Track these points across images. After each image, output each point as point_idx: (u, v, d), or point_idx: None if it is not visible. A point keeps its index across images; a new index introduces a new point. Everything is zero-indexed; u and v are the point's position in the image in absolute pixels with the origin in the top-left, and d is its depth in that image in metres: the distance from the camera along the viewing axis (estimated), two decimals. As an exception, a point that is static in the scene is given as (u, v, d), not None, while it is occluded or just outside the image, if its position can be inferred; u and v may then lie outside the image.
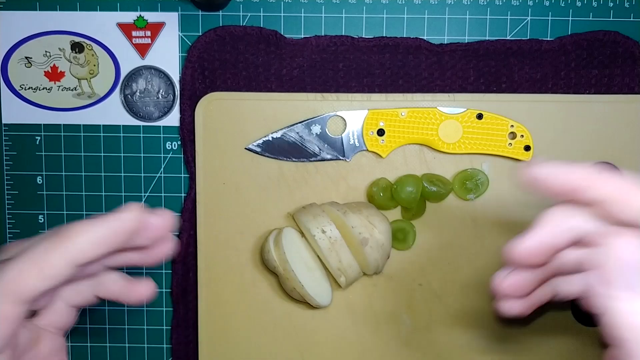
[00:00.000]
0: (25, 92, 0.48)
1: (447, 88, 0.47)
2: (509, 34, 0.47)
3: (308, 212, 0.44)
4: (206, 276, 0.47)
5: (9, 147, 0.48)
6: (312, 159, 0.46)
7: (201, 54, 0.46)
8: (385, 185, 0.46)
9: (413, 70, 0.47)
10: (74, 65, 0.47)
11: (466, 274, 0.47)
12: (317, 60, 0.47)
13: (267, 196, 0.47)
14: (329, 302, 0.45)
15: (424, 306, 0.47)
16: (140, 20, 0.47)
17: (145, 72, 0.47)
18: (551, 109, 0.46)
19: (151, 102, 0.48)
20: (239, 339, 0.47)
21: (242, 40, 0.46)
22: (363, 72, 0.47)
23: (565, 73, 0.47)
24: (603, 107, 0.46)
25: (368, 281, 0.47)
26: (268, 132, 0.46)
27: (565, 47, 0.46)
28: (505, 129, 0.46)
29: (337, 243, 0.43)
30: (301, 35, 0.47)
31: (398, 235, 0.46)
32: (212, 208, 0.47)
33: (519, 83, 0.47)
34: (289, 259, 0.43)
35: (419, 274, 0.47)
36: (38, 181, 0.48)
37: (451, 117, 0.45)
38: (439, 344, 0.47)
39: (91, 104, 0.48)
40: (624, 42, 0.46)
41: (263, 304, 0.47)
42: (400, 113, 0.46)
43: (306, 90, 0.47)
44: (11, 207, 0.49)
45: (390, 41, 0.46)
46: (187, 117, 0.47)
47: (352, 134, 0.46)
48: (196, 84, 0.47)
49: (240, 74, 0.47)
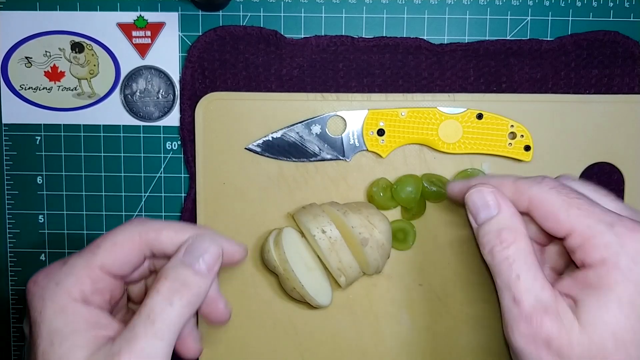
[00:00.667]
0: (25, 92, 0.48)
1: (447, 88, 0.47)
2: (509, 34, 0.47)
3: (308, 212, 0.44)
4: (206, 276, 0.47)
5: (9, 147, 0.48)
6: (312, 159, 0.46)
7: (201, 54, 0.46)
8: (385, 185, 0.46)
9: (413, 70, 0.47)
10: (74, 65, 0.47)
11: (466, 274, 0.47)
12: (317, 60, 0.47)
13: (267, 196, 0.47)
14: (329, 302, 0.45)
15: (424, 306, 0.47)
16: (140, 20, 0.47)
17: (145, 72, 0.47)
18: (551, 109, 0.46)
19: (151, 102, 0.48)
20: (239, 339, 0.47)
21: (242, 40, 0.46)
22: (363, 72, 0.47)
23: (565, 73, 0.47)
24: (603, 107, 0.46)
25: (368, 281, 0.47)
26: (268, 132, 0.46)
27: (565, 47, 0.46)
28: (505, 129, 0.46)
29: (337, 243, 0.43)
30: (301, 35, 0.47)
31: (398, 235, 0.46)
32: (212, 208, 0.47)
33: (519, 83, 0.47)
34: (289, 259, 0.43)
35: (419, 274, 0.47)
36: (38, 181, 0.48)
37: (451, 117, 0.45)
38: (439, 344, 0.47)
39: (91, 104, 0.48)
40: (624, 42, 0.46)
41: (263, 304, 0.47)
42: (400, 113, 0.46)
43: (306, 90, 0.47)
44: (11, 207, 0.49)
45: (390, 41, 0.46)
46: (187, 117, 0.47)
47: (352, 134, 0.46)
48: (196, 84, 0.47)
49: (240, 74, 0.47)
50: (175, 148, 0.48)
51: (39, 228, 0.49)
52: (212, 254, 0.34)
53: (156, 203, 0.48)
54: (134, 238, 0.33)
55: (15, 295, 0.49)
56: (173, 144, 0.48)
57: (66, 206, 0.48)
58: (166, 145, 0.48)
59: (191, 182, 0.47)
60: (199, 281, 0.32)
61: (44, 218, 0.49)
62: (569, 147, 0.46)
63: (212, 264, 0.33)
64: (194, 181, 0.47)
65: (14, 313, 0.49)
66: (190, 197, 0.47)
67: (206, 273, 0.33)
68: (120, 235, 0.33)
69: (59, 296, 0.30)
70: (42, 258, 0.49)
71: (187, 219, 0.47)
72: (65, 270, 0.31)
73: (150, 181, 0.48)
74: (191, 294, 0.32)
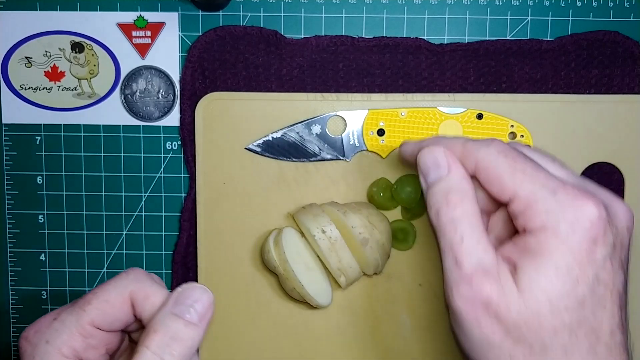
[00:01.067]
0: (25, 92, 0.48)
1: (447, 88, 0.47)
2: (509, 34, 0.47)
3: (308, 212, 0.44)
4: (206, 276, 0.47)
5: (9, 147, 0.48)
6: (312, 159, 0.46)
7: (201, 54, 0.46)
8: (385, 185, 0.46)
9: (413, 70, 0.47)
10: (74, 65, 0.47)
11: (466, 274, 0.47)
12: (317, 60, 0.47)
13: (267, 196, 0.47)
14: (329, 302, 0.45)
15: (424, 306, 0.47)
16: (140, 20, 0.47)
17: (146, 72, 0.47)
18: (551, 109, 0.46)
19: (151, 102, 0.48)
20: (239, 339, 0.47)
21: (242, 40, 0.46)
22: (363, 72, 0.47)
23: (565, 73, 0.47)
24: (603, 107, 0.46)
25: (368, 281, 0.47)
26: (268, 132, 0.46)
27: (565, 47, 0.46)
28: (505, 129, 0.46)
29: (337, 243, 0.43)
30: (301, 35, 0.47)
31: (398, 235, 0.46)
32: (212, 208, 0.47)
33: (519, 83, 0.47)
34: (289, 259, 0.43)
35: (419, 274, 0.47)
36: (38, 181, 0.48)
37: (451, 117, 0.45)
38: (439, 344, 0.47)
39: (91, 104, 0.48)
40: (624, 42, 0.46)
41: (263, 304, 0.47)
42: (400, 113, 0.46)
43: (306, 90, 0.47)
44: (11, 207, 0.49)
45: (390, 41, 0.46)
46: (187, 117, 0.47)
47: (352, 134, 0.46)
48: (196, 84, 0.47)
49: (240, 74, 0.47)
50: (175, 148, 0.48)
51: (39, 228, 0.49)
52: (203, 302, 0.32)
53: (156, 203, 0.48)
54: (125, 296, 0.31)
55: (16, 296, 0.49)
56: (173, 144, 0.48)
57: (66, 206, 0.48)
58: (166, 145, 0.48)
59: (191, 182, 0.47)
60: (191, 333, 0.31)
61: (44, 218, 0.49)
62: (569, 147, 0.46)
63: (204, 312, 0.32)
64: (194, 181, 0.47)
65: (14, 313, 0.49)
66: (190, 197, 0.47)
67: (198, 323, 0.31)
68: (112, 292, 0.31)
69: (51, 355, 0.30)
70: (42, 258, 0.49)
71: (187, 219, 0.47)
72: (55, 326, 0.30)
73: (150, 181, 0.48)
74: (183, 347, 0.30)
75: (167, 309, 0.31)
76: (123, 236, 0.49)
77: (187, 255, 0.48)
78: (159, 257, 0.49)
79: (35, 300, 0.49)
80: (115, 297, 0.31)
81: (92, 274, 0.49)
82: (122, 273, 0.33)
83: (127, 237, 0.49)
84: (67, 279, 0.49)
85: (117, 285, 0.32)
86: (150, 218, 0.48)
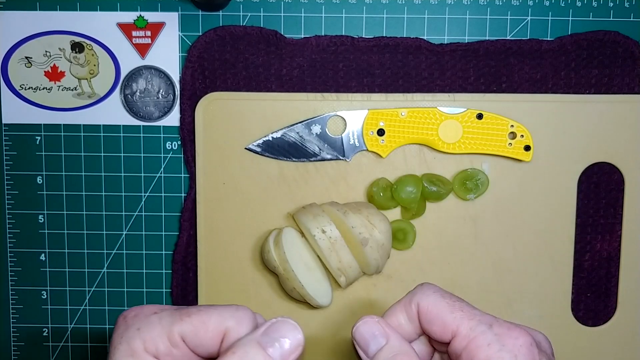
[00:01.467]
0: (25, 92, 0.48)
1: (447, 88, 0.47)
2: (509, 34, 0.47)
3: (308, 212, 0.44)
4: (206, 276, 0.47)
5: (9, 147, 0.48)
6: (312, 159, 0.47)
7: (201, 54, 0.46)
8: (385, 185, 0.46)
9: (413, 70, 0.47)
10: (74, 65, 0.47)
11: (466, 274, 0.47)
12: (317, 60, 0.47)
13: (267, 196, 0.47)
14: (329, 302, 0.45)
15: (424, 306, 0.47)
16: (140, 20, 0.47)
17: (146, 72, 0.47)
18: (551, 109, 0.46)
19: (151, 102, 0.48)
20: (239, 339, 0.47)
21: (242, 40, 0.46)
22: (363, 72, 0.47)
23: (565, 73, 0.47)
24: (603, 107, 0.46)
25: (368, 281, 0.47)
26: (268, 132, 0.46)
27: (565, 47, 0.46)
28: (505, 129, 0.46)
29: (337, 243, 0.43)
30: (301, 35, 0.47)
31: (398, 235, 0.46)
32: (212, 208, 0.47)
33: (519, 83, 0.47)
34: (289, 259, 0.43)
35: (419, 274, 0.47)
36: (38, 181, 0.48)
37: (451, 117, 0.45)
38: (439, 344, 0.47)
39: (91, 104, 0.48)
40: (624, 42, 0.46)
41: (263, 304, 0.47)
42: (400, 113, 0.46)
43: (306, 90, 0.47)
44: (11, 207, 0.49)
45: (390, 41, 0.46)
46: (187, 117, 0.47)
47: (352, 134, 0.46)
48: (196, 84, 0.47)
49: (240, 74, 0.47)
50: (175, 148, 0.48)
51: (39, 228, 0.49)
52: (292, 340, 0.30)
53: (156, 203, 0.48)
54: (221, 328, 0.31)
55: (16, 296, 0.49)
56: (173, 144, 0.48)
57: (66, 206, 0.48)
58: (166, 145, 0.48)
59: (191, 182, 0.47)
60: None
61: (44, 218, 0.49)
62: (569, 147, 0.46)
63: (289, 352, 0.30)
64: (194, 181, 0.47)
65: (14, 313, 0.49)
66: (190, 197, 0.47)
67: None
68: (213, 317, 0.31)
69: (135, 341, 0.30)
70: (42, 258, 0.49)
71: (187, 218, 0.47)
72: (152, 319, 0.31)
73: (150, 181, 0.48)
74: None
75: (253, 336, 0.30)
76: (123, 236, 0.49)
77: (187, 255, 0.48)
78: (159, 257, 0.49)
79: (36, 300, 0.49)
80: (213, 325, 0.31)
81: (92, 274, 0.49)
82: (233, 306, 0.32)
83: (127, 237, 0.49)
84: (67, 279, 0.49)
85: (221, 314, 0.31)
86: (150, 218, 0.48)
